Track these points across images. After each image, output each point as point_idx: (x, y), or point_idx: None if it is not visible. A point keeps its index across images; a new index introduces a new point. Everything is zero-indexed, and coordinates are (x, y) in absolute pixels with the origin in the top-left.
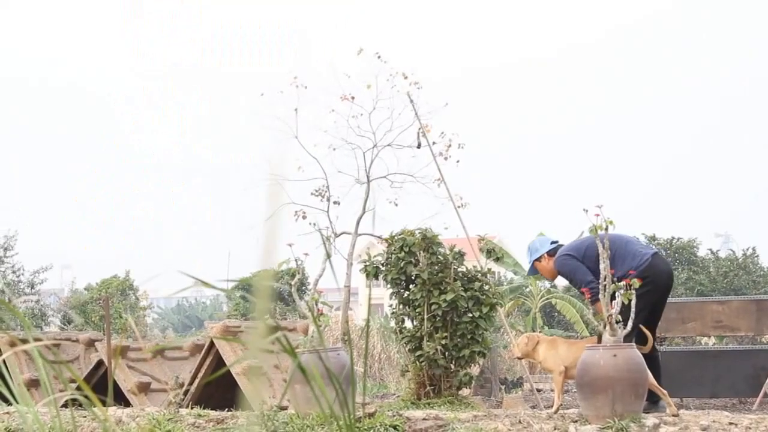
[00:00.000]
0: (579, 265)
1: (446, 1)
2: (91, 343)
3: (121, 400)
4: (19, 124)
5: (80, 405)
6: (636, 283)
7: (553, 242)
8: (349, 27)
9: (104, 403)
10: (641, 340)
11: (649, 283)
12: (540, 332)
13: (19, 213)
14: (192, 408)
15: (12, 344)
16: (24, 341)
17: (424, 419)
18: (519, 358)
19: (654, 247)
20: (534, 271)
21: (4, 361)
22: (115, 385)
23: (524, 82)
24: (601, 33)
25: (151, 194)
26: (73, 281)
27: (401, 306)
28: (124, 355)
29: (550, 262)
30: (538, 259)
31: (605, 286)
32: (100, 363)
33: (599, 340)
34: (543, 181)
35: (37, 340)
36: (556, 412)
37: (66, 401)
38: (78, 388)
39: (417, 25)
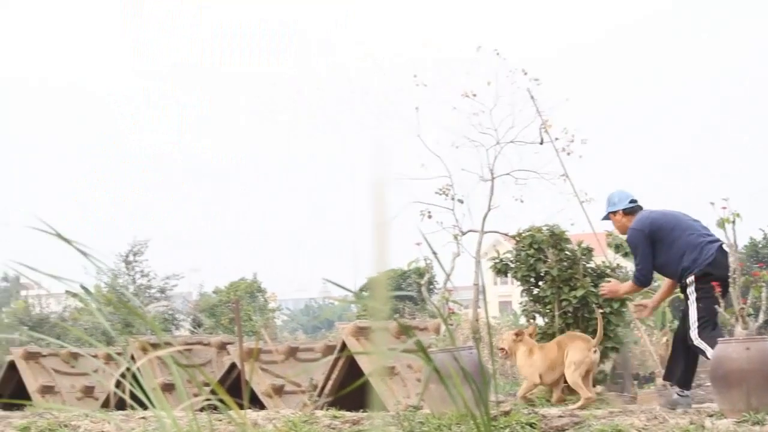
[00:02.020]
0: (645, 245)
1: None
2: (222, 347)
3: (255, 402)
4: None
5: (215, 408)
6: (766, 276)
7: (632, 201)
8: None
9: (240, 407)
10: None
11: (711, 280)
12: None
13: (150, 218)
14: (327, 409)
15: (143, 349)
16: (156, 346)
17: (559, 416)
18: (502, 351)
19: (715, 236)
20: (607, 217)
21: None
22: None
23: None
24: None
25: (275, 195)
26: (202, 284)
27: (531, 303)
28: (256, 358)
29: (623, 219)
30: (614, 213)
31: (735, 279)
32: (232, 366)
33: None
34: (664, 172)
35: (168, 345)
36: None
37: (201, 405)
38: (212, 392)
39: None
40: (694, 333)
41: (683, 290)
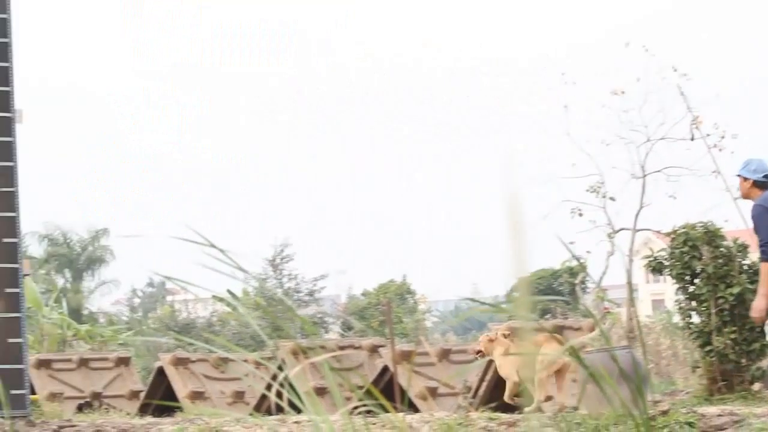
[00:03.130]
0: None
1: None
2: (374, 349)
3: (407, 405)
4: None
5: (368, 412)
6: None
7: (766, 176)
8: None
9: (395, 410)
10: None
11: None
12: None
13: (295, 220)
14: (482, 411)
15: (295, 352)
16: (308, 349)
17: (719, 415)
18: (479, 352)
19: None
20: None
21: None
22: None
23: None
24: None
25: (417, 196)
26: (351, 287)
27: (687, 301)
28: (412, 361)
29: (750, 189)
30: (745, 178)
31: None
32: (385, 369)
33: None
34: None
35: (321, 348)
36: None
37: (355, 409)
38: (367, 394)
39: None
40: None
41: None
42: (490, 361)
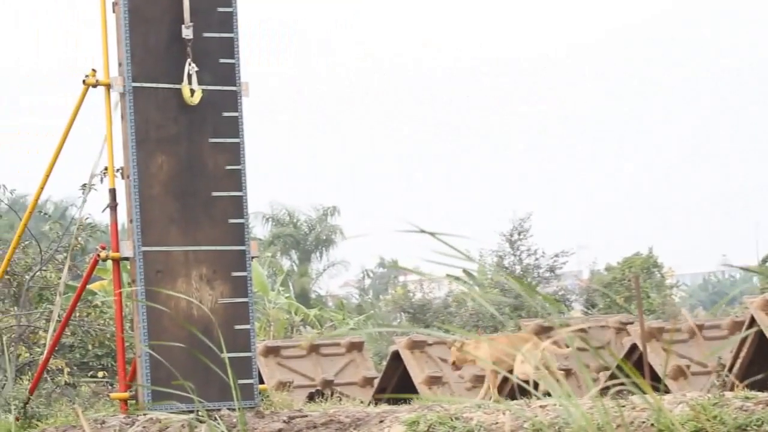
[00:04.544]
0: None
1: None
2: (621, 327)
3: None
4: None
5: (617, 393)
6: None
7: None
8: None
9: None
10: None
11: None
12: None
13: (534, 194)
14: (737, 390)
15: (538, 332)
16: (549, 328)
17: None
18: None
19: None
20: None
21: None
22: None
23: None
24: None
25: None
26: (595, 261)
27: None
28: (658, 338)
29: None
30: None
31: None
32: (633, 347)
33: None
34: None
35: (565, 327)
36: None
37: (605, 390)
38: (612, 376)
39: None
40: None
41: None
42: (744, 337)
